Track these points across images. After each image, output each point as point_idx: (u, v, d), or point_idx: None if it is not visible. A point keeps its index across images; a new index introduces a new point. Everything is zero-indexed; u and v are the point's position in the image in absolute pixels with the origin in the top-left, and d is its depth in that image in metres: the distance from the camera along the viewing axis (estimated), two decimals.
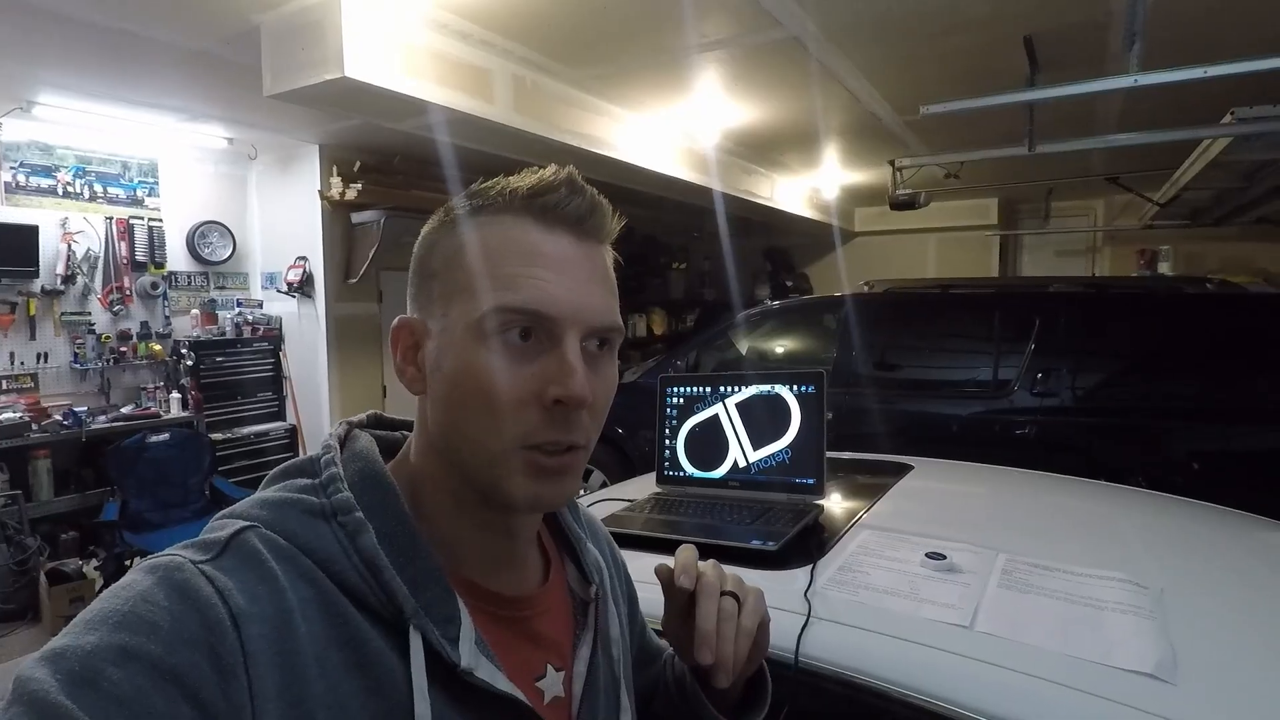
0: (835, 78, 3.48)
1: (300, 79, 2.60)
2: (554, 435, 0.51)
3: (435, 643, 0.48)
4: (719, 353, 4.30)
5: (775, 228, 7.99)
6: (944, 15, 2.80)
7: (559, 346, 0.51)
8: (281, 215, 4.74)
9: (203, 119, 3.97)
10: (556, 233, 0.52)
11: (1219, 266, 6.55)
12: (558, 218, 0.52)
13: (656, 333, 7.54)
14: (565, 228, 0.53)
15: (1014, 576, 0.98)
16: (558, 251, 0.52)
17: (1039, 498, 1.53)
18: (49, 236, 3.87)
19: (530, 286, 0.50)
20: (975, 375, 3.32)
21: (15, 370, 3.82)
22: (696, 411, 1.48)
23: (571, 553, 0.67)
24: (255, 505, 0.50)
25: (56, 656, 0.38)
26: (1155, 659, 0.76)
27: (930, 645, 0.83)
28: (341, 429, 0.58)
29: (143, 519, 3.62)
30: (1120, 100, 3.79)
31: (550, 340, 0.51)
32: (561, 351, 0.50)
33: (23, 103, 3.52)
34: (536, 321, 0.50)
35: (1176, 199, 5.09)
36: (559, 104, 3.53)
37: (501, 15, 2.73)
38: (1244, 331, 2.97)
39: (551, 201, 0.52)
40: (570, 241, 0.53)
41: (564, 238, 0.52)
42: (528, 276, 0.50)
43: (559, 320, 0.50)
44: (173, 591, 0.42)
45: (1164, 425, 2.90)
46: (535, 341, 0.51)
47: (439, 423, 0.53)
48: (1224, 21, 2.83)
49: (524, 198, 0.52)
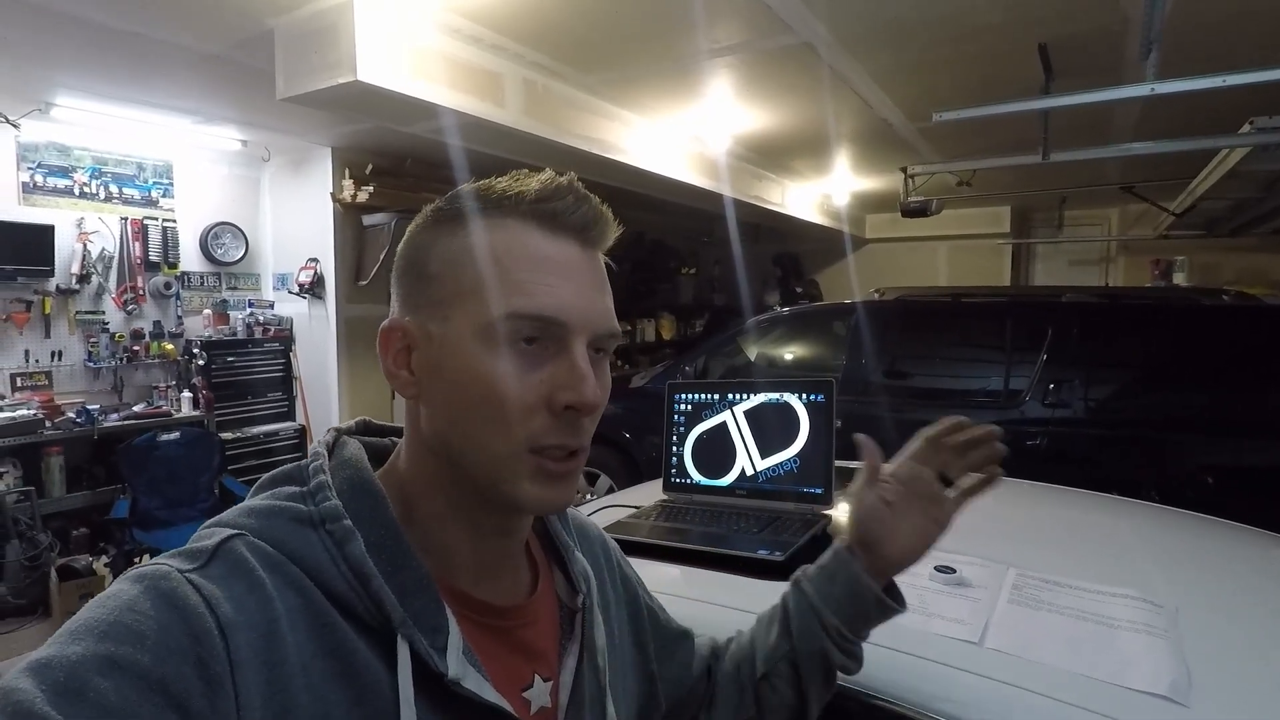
0: (847, 84, 3.47)
1: (313, 82, 2.61)
2: (561, 439, 0.51)
3: (423, 652, 0.48)
4: (728, 359, 4.28)
5: (785, 233, 7.97)
6: (958, 22, 2.78)
7: (568, 352, 0.51)
8: (293, 217, 4.77)
9: (217, 121, 4.01)
10: (562, 239, 0.52)
11: (1235, 278, 6.48)
12: (563, 225, 0.52)
13: (665, 337, 7.51)
14: (570, 235, 0.53)
15: (1024, 592, 0.97)
16: (565, 258, 0.52)
17: (1050, 511, 1.52)
18: (65, 236, 3.91)
19: (543, 293, 0.50)
20: (986, 385, 3.28)
21: (30, 368, 3.86)
22: (704, 418, 1.47)
23: (560, 561, 0.66)
24: (243, 513, 0.50)
25: (42, 667, 0.38)
26: (1169, 680, 0.75)
27: (939, 661, 0.82)
28: (330, 436, 0.58)
29: (152, 517, 3.65)
30: (1136, 109, 3.76)
31: (558, 346, 0.51)
32: (572, 358, 0.51)
33: (41, 104, 3.56)
34: (547, 328, 0.50)
35: (1193, 209, 5.03)
36: (570, 108, 3.54)
37: (513, 20, 2.73)
38: (1260, 344, 2.92)
39: (559, 208, 0.52)
40: (575, 249, 0.53)
41: (570, 245, 0.53)
42: (539, 283, 0.50)
43: (569, 326, 0.51)
44: (159, 600, 0.41)
45: (1178, 438, 2.85)
46: (542, 347, 0.51)
47: (437, 428, 0.53)
48: (1242, 30, 2.79)
49: (530, 203, 0.51)
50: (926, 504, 0.73)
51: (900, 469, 0.75)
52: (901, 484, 0.74)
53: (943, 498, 0.74)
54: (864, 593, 0.71)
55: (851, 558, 0.73)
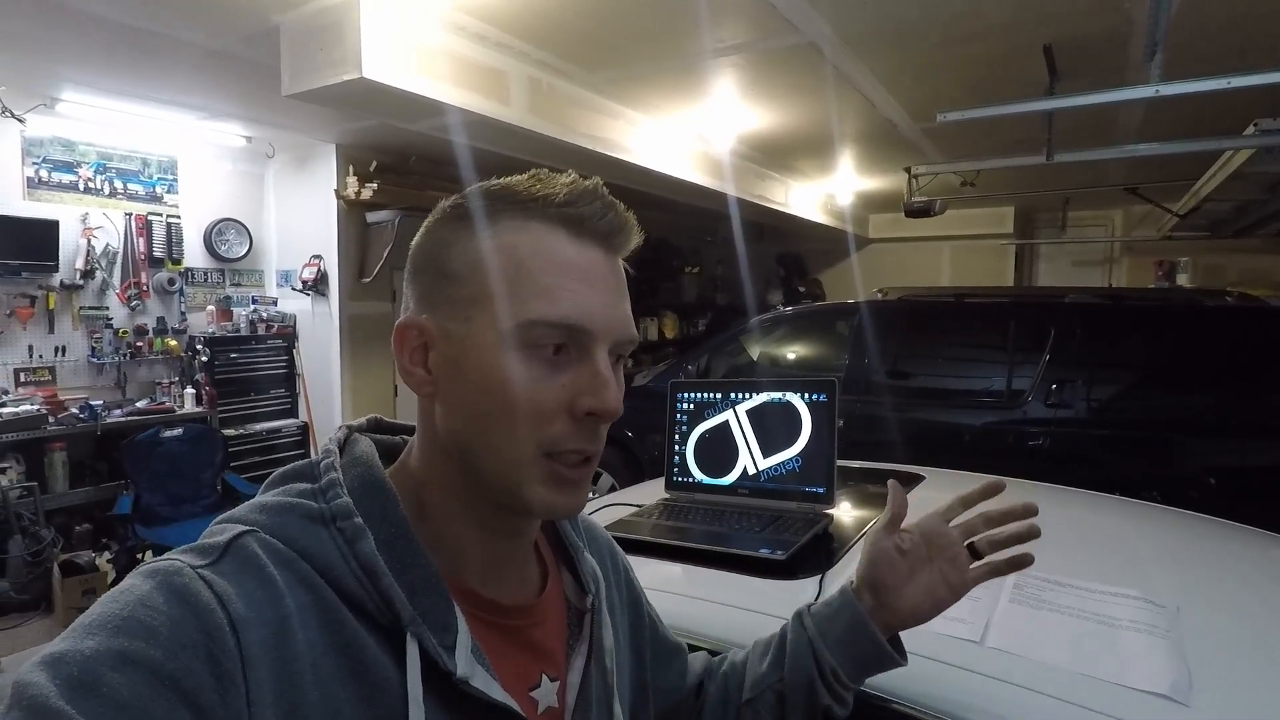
0: (851, 84, 3.47)
1: (318, 79, 2.62)
2: (579, 445, 0.51)
3: (431, 650, 0.48)
4: (731, 358, 4.28)
5: (789, 233, 7.96)
6: (963, 22, 2.78)
7: (590, 359, 0.51)
8: (297, 214, 4.78)
9: (222, 117, 4.01)
10: (587, 245, 0.52)
11: (1239, 279, 6.47)
12: (589, 230, 0.52)
13: (668, 336, 7.52)
14: (595, 240, 0.52)
15: (1026, 592, 0.97)
16: (589, 264, 0.52)
17: (1051, 511, 1.50)
18: (69, 231, 3.92)
19: (567, 300, 0.50)
20: (989, 385, 3.28)
21: (33, 363, 3.87)
22: (707, 417, 1.48)
23: (569, 562, 0.66)
24: (255, 510, 0.50)
25: (56, 661, 0.38)
26: (1170, 680, 0.75)
27: (940, 660, 0.82)
28: (341, 433, 0.58)
29: (155, 513, 3.66)
30: (1141, 110, 3.75)
31: (580, 352, 0.51)
32: (594, 364, 0.51)
33: (46, 99, 3.58)
34: (571, 334, 0.50)
35: (1196, 210, 5.02)
36: (574, 107, 3.54)
37: (518, 18, 2.74)
38: (1264, 345, 2.92)
39: (586, 214, 0.52)
40: (600, 255, 0.53)
41: (595, 251, 0.52)
42: (564, 289, 0.50)
43: (594, 334, 0.51)
44: (172, 596, 0.42)
45: (1180, 439, 2.85)
46: (565, 353, 0.51)
47: (452, 427, 0.53)
48: (1247, 32, 2.79)
49: (557, 206, 0.51)
50: (945, 565, 0.71)
51: (924, 520, 0.74)
52: (922, 536, 0.73)
53: (963, 564, 0.71)
54: (864, 638, 0.70)
55: (857, 600, 0.72)
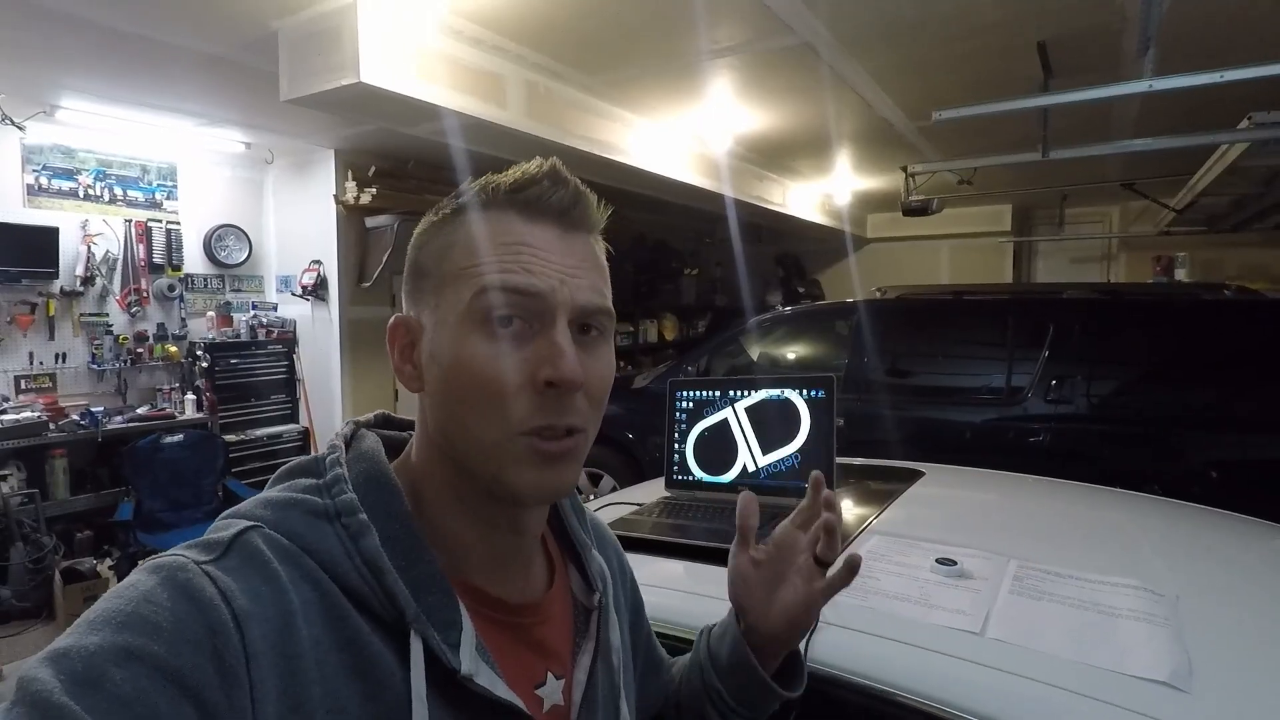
0: (847, 84, 3.48)
1: (317, 84, 2.63)
2: (549, 419, 0.50)
3: (435, 647, 0.48)
4: (730, 358, 4.28)
5: (787, 233, 7.97)
6: (956, 21, 2.79)
7: (550, 330, 0.51)
8: (297, 219, 4.79)
9: (221, 123, 4.02)
10: (541, 224, 0.52)
11: (1237, 273, 6.48)
12: (541, 210, 0.52)
13: (668, 338, 7.52)
14: (550, 219, 0.53)
15: (1026, 583, 0.98)
16: (543, 240, 0.52)
17: (1051, 504, 1.52)
18: (69, 238, 3.93)
19: (520, 269, 0.50)
20: (988, 382, 3.28)
21: (34, 370, 3.87)
22: (706, 416, 1.48)
23: (576, 559, 0.66)
24: (259, 505, 0.50)
25: (60, 657, 0.38)
26: (1170, 667, 0.75)
27: (940, 651, 0.82)
28: (348, 429, 0.58)
29: (156, 519, 3.66)
30: (1135, 105, 3.76)
31: (540, 324, 0.51)
32: (551, 334, 0.51)
33: (46, 107, 3.58)
34: (523, 303, 0.50)
35: (1193, 205, 5.03)
36: (571, 109, 3.55)
37: (515, 21, 2.75)
38: (1262, 339, 2.92)
39: (534, 195, 0.52)
40: (555, 231, 0.53)
41: (549, 228, 0.53)
42: (512, 261, 0.50)
43: (545, 297, 0.50)
44: (176, 592, 0.42)
45: (1180, 434, 2.86)
46: (525, 327, 0.51)
47: (437, 418, 0.53)
48: (1240, 26, 2.80)
49: (506, 192, 0.52)
50: (798, 580, 0.67)
51: (776, 530, 0.70)
52: (775, 547, 0.69)
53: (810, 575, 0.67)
54: (743, 668, 0.68)
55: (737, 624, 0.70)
